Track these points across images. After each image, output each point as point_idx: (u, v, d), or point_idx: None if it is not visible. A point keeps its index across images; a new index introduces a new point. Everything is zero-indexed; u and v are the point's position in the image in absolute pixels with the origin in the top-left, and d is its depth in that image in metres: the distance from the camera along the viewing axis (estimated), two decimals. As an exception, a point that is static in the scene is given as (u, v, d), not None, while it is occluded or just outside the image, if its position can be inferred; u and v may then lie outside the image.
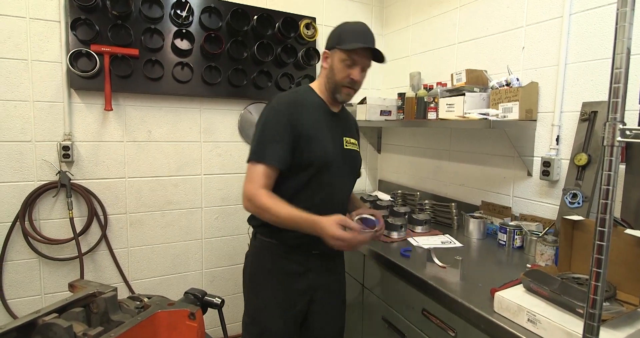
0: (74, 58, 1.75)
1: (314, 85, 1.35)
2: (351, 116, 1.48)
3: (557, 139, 1.52)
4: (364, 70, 1.26)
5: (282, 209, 1.12)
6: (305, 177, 1.22)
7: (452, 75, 1.83)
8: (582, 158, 1.38)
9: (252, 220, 1.34)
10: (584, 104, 1.42)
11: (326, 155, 1.23)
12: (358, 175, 1.45)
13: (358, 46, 1.19)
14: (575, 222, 1.16)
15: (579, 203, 1.38)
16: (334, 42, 1.25)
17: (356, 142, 1.40)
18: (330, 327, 1.40)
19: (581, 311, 0.88)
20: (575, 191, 1.38)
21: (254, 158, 1.20)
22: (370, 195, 2.36)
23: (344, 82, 1.25)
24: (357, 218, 1.25)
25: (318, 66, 2.37)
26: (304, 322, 1.35)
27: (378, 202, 2.09)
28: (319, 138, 1.23)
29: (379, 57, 1.24)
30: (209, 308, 1.07)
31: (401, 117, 2.16)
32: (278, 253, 1.27)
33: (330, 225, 1.07)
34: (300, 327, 1.35)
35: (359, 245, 1.12)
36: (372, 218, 1.26)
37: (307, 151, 1.20)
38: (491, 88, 1.66)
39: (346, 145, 1.33)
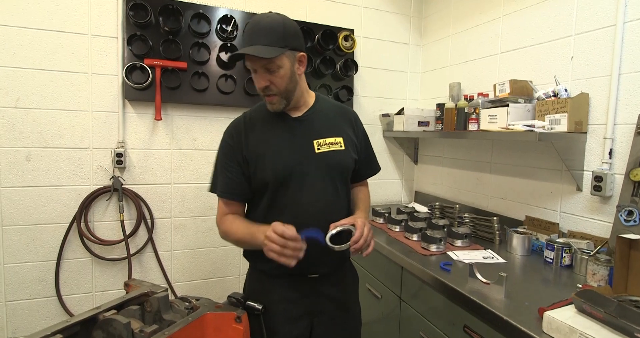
0: (129, 71, 1.89)
1: None
2: (332, 111, 1.29)
3: (610, 153, 1.44)
4: (269, 71, 1.09)
5: (238, 231, 1.12)
6: (266, 199, 1.17)
7: (494, 85, 1.79)
8: (639, 173, 1.31)
9: (243, 250, 1.29)
10: (641, 117, 1.35)
11: (282, 171, 1.13)
12: (372, 171, 1.37)
13: (228, 59, 1.13)
14: (632, 241, 1.10)
15: (635, 221, 1.29)
16: None
17: (339, 140, 1.23)
18: None
19: (641, 336, 0.83)
20: (631, 208, 1.30)
21: (210, 189, 1.24)
22: (407, 207, 2.33)
23: (261, 93, 1.14)
24: (335, 230, 1.08)
25: (356, 77, 2.40)
26: None
27: (415, 214, 2.06)
28: (270, 154, 1.15)
29: (262, 53, 1.05)
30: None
31: (440, 128, 2.13)
32: (268, 279, 1.21)
33: (265, 230, 1.01)
34: None
35: (290, 255, 0.97)
36: (350, 227, 1.09)
37: (260, 171, 1.14)
38: (537, 99, 1.62)
39: (319, 148, 1.19)
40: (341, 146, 1.22)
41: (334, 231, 1.07)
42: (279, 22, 1.09)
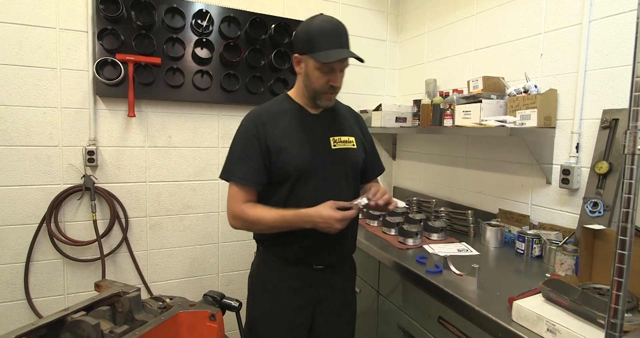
0: (100, 66, 1.83)
1: (292, 91, 1.31)
2: (344, 112, 1.39)
3: (577, 147, 1.50)
4: (342, 71, 1.21)
5: (270, 215, 1.15)
6: (286, 189, 1.21)
7: (468, 82, 1.83)
8: (603, 166, 1.36)
9: (255, 235, 1.33)
10: (605, 112, 1.40)
11: (303, 163, 1.20)
12: (377, 171, 1.47)
13: (336, 59, 1.12)
14: (596, 231, 1.15)
15: (600, 212, 1.35)
16: (304, 48, 1.16)
17: (352, 139, 1.32)
18: None
19: (602, 321, 0.87)
20: (596, 200, 1.36)
21: (224, 176, 1.23)
22: (385, 202, 2.35)
23: (324, 90, 1.20)
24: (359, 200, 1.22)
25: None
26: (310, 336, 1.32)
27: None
28: (292, 147, 1.20)
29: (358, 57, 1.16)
30: (226, 311, 1.10)
31: (417, 124, 2.16)
32: (277, 267, 1.26)
33: (327, 209, 1.10)
34: None
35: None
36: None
37: (281, 162, 1.19)
38: (508, 95, 1.66)
39: (335, 145, 1.27)
40: (353, 145, 1.32)
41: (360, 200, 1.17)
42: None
